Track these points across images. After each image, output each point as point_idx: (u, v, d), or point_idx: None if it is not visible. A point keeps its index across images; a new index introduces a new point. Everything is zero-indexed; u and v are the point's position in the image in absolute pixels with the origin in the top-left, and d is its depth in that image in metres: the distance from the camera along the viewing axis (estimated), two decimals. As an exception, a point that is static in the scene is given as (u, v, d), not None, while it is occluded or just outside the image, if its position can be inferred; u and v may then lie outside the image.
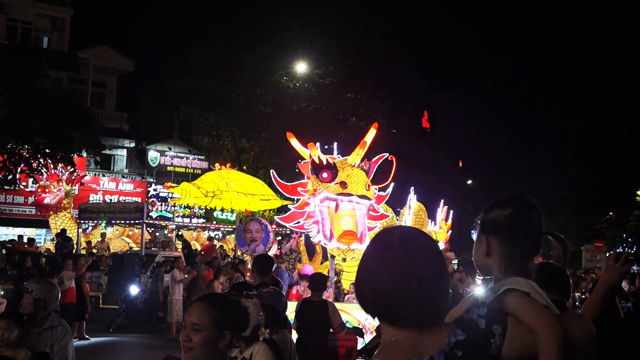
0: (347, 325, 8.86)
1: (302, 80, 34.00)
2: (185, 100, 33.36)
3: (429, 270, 1.89)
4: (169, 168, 37.52)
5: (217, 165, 25.61)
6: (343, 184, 11.46)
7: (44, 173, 23.49)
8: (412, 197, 20.83)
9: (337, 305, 8.98)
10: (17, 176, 22.97)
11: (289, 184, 12.86)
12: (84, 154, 26.32)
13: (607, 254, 30.70)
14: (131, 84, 37.75)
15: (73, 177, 24.63)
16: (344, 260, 15.85)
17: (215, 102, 31.61)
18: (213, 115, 32.55)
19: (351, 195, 11.48)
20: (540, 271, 2.83)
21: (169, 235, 26.69)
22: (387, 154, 13.19)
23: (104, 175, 34.96)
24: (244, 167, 30.62)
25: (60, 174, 24.00)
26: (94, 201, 29.68)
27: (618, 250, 43.57)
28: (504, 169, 58.25)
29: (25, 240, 22.92)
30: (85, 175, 26.56)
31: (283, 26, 34.79)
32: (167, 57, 36.61)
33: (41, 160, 22.84)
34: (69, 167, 23.84)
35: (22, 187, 24.90)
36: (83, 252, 21.57)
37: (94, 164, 34.11)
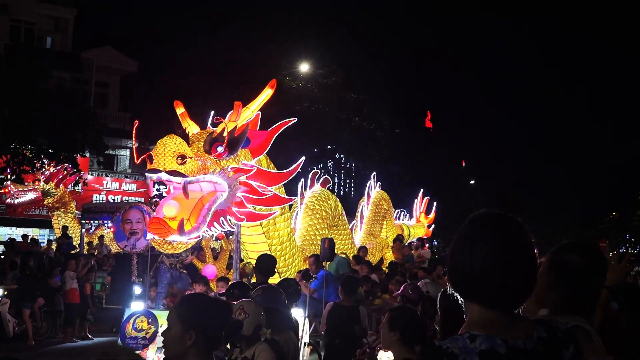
0: None
1: (305, 80, 33.98)
2: (188, 100, 33.29)
3: (522, 256, 1.98)
4: (172, 168, 37.43)
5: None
6: (150, 158, 8.69)
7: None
8: (372, 185, 18.77)
9: None
10: (21, 176, 22.99)
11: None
12: (87, 154, 26.31)
13: (611, 254, 30.66)
14: (134, 84, 37.74)
15: (61, 177, 24.25)
16: (214, 258, 13.67)
17: (218, 103, 31.57)
18: (216, 115, 32.44)
19: (158, 171, 8.62)
20: None
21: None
22: (295, 119, 10.41)
23: (107, 176, 34.96)
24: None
25: (37, 174, 23.71)
26: (97, 201, 29.68)
27: (621, 251, 43.60)
28: (508, 170, 58.13)
29: (28, 240, 22.94)
30: (80, 174, 26.22)
31: (286, 27, 34.81)
32: (170, 58, 36.61)
33: (44, 160, 22.84)
34: (50, 166, 23.57)
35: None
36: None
37: (97, 164, 34.06)
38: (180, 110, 9.96)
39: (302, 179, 13.90)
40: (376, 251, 16.92)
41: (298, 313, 9.10)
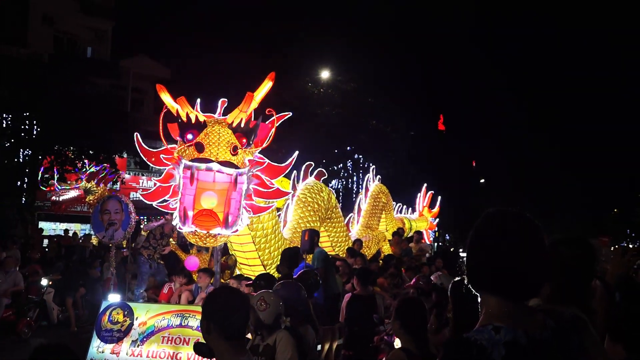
0: None
1: (326, 86, 34.05)
2: (215, 103, 33.42)
3: (537, 251, 2.00)
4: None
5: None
6: (199, 146, 8.04)
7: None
8: (370, 178, 17.65)
9: None
10: (64, 175, 23.25)
11: (155, 149, 9.43)
12: (125, 155, 26.51)
13: (612, 248, 30.36)
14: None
15: (101, 175, 24.43)
16: (207, 250, 11.97)
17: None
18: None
19: (209, 161, 8.03)
20: None
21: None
22: (290, 113, 9.57)
23: (143, 175, 35.18)
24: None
25: (79, 173, 23.89)
26: (134, 199, 29.86)
27: (622, 245, 43.23)
28: (515, 170, 57.79)
29: (70, 235, 23.17)
30: (119, 173, 26.28)
31: (308, 37, 34.87)
32: (200, 65, 36.78)
33: (85, 161, 23.06)
34: (90, 166, 23.76)
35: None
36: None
37: (133, 165, 34.30)
38: (165, 95, 8.98)
39: (295, 171, 12.87)
40: (372, 244, 15.98)
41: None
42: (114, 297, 9.00)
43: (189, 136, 8.26)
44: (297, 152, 9.93)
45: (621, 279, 3.36)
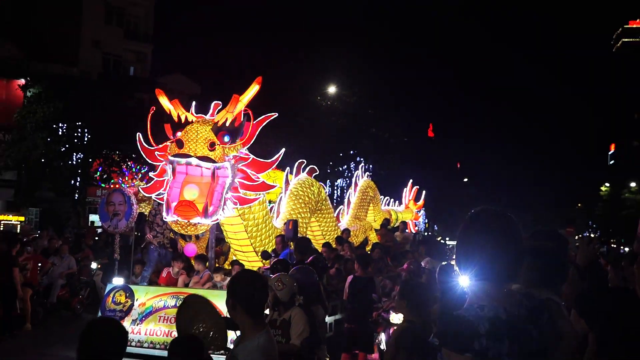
0: None
1: (332, 99, 34.22)
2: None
3: (513, 242, 2.07)
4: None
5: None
6: (179, 143, 7.73)
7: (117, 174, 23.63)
8: (359, 174, 16.95)
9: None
10: (111, 175, 23.40)
11: (152, 147, 8.98)
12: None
13: (576, 237, 30.28)
14: (198, 103, 37.93)
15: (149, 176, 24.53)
16: (195, 237, 11.43)
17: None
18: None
19: (188, 156, 7.66)
20: None
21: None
22: (276, 114, 8.97)
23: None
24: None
25: (135, 174, 23.98)
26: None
27: (585, 234, 43.17)
28: (495, 171, 57.78)
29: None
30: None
31: (318, 57, 35.05)
32: (225, 83, 36.95)
33: (129, 163, 23.19)
34: (141, 168, 23.87)
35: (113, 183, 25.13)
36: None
37: (169, 166, 34.45)
38: (162, 98, 8.74)
39: (288, 168, 12.45)
40: (360, 233, 15.38)
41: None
42: (117, 280, 8.73)
43: (179, 134, 7.97)
44: (283, 150, 9.38)
45: (588, 265, 3.37)
